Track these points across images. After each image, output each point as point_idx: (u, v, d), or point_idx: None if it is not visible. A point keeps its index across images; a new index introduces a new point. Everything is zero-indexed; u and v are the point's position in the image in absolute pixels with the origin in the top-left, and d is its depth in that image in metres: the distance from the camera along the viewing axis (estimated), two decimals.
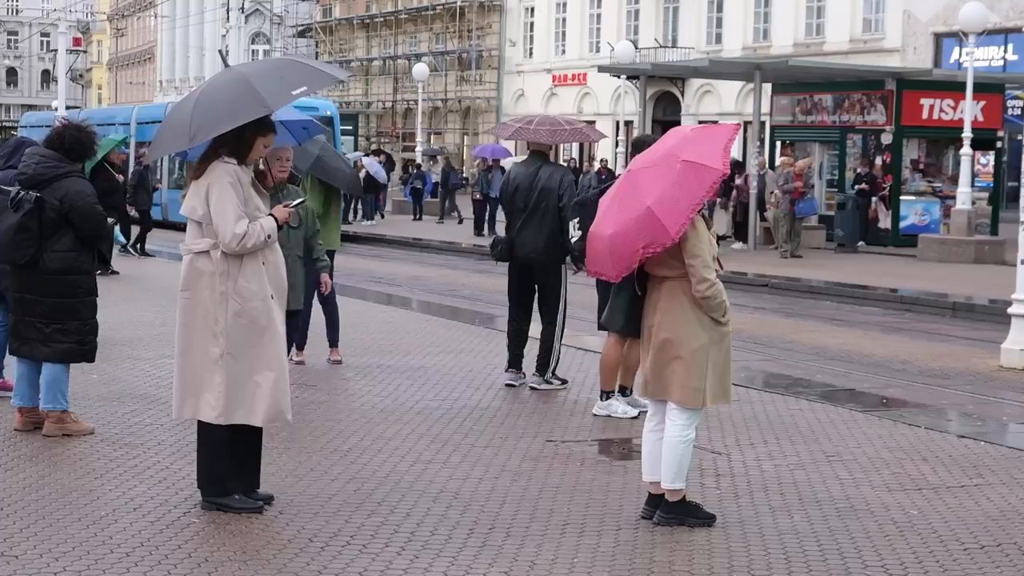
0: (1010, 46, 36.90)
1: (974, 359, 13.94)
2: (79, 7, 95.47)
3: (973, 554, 6.33)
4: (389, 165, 44.29)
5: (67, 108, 44.24)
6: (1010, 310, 13.47)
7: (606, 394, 9.49)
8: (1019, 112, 37.27)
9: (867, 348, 14.73)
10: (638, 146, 8.24)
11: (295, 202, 7.04)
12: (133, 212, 23.36)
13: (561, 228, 10.08)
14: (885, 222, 29.33)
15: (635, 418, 9.24)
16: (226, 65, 6.89)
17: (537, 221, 10.30)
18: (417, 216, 40.00)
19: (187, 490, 6.95)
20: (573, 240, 9.61)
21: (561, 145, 39.72)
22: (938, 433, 9.20)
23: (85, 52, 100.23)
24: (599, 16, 53.57)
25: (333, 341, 11.61)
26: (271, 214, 6.63)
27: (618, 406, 9.44)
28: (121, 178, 20.81)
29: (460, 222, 37.26)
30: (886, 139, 29.26)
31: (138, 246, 23.03)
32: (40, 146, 8.36)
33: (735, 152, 31.74)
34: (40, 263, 8.03)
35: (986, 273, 23.04)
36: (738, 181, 28.00)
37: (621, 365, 9.44)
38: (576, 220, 9.54)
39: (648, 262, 6.55)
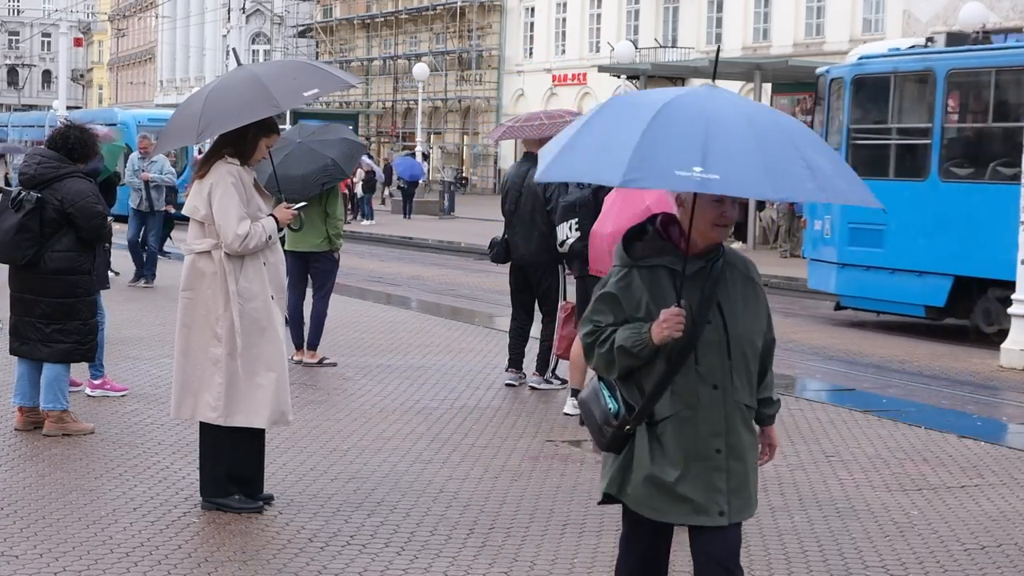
0: None
1: (974, 359, 13.94)
2: (80, 7, 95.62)
3: (973, 554, 6.33)
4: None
5: (67, 108, 44.28)
6: (1010, 310, 13.47)
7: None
8: None
9: (867, 348, 14.73)
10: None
11: (297, 205, 7.04)
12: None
13: (551, 229, 9.78)
14: None
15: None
16: (239, 63, 6.93)
17: (527, 223, 10.23)
18: (407, 215, 40.24)
19: (187, 490, 6.96)
20: (569, 241, 9.26)
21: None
22: (938, 433, 9.20)
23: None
24: (599, 16, 53.57)
25: (312, 343, 11.22)
26: (272, 215, 6.65)
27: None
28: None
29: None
30: None
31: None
32: (42, 147, 8.39)
33: None
34: (40, 263, 8.03)
35: None
36: None
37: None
38: (575, 220, 9.33)
39: None
